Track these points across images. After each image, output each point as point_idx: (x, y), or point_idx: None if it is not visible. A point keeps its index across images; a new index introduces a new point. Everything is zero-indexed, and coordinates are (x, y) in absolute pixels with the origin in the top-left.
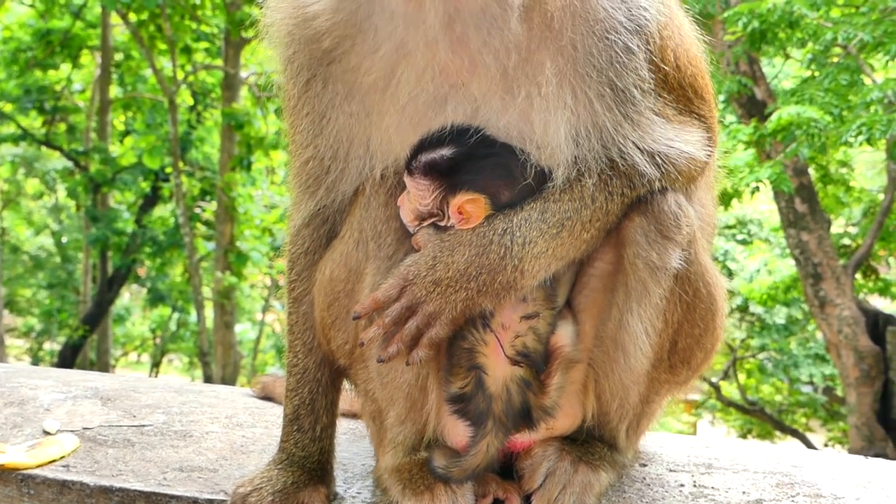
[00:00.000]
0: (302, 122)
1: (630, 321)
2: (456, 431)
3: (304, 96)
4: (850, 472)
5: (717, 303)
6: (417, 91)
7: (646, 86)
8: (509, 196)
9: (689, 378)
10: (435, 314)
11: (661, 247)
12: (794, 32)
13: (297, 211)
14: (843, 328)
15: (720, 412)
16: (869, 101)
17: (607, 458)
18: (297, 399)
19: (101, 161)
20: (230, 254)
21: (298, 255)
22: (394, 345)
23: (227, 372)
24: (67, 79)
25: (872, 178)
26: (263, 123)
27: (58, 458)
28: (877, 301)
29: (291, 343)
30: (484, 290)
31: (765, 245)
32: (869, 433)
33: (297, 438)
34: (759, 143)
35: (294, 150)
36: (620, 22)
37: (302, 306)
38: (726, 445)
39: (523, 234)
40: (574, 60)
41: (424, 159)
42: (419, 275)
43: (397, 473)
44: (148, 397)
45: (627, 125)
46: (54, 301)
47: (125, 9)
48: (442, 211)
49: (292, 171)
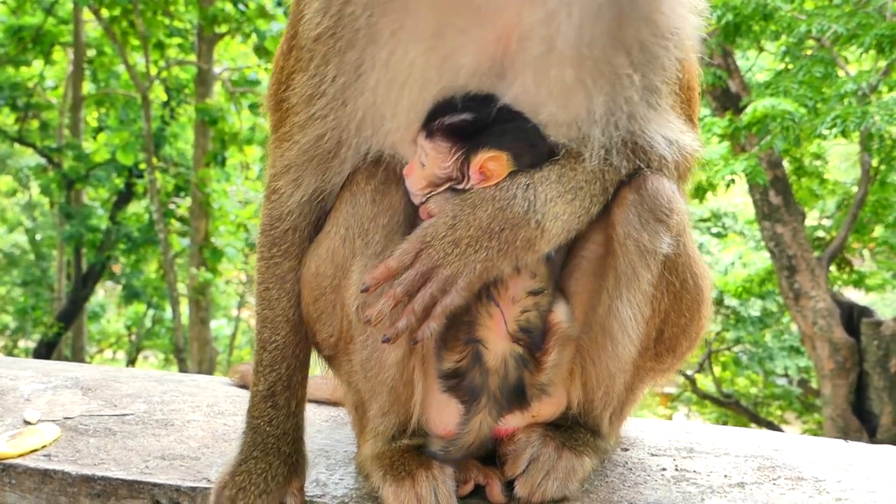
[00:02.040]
0: (326, 88)
1: (619, 307)
2: (440, 420)
3: (339, 57)
4: (831, 456)
5: (704, 293)
6: (457, 53)
7: (671, 83)
8: (529, 161)
9: (672, 366)
10: (452, 278)
11: (652, 229)
12: (768, 25)
13: (294, 186)
14: (817, 320)
15: (696, 405)
16: (843, 93)
17: (590, 443)
18: (274, 375)
19: (74, 158)
20: (205, 250)
21: (285, 231)
22: (404, 318)
23: (203, 368)
24: (40, 75)
25: (846, 170)
26: (237, 119)
27: (39, 448)
28: (851, 293)
29: (269, 318)
30: (504, 248)
31: (739, 238)
32: (844, 425)
33: (272, 415)
34: (733, 136)
35: (303, 121)
36: (675, 24)
37: (286, 283)
38: (707, 430)
39: (545, 191)
40: (628, 50)
41: (448, 121)
42: (437, 236)
43: (378, 460)
44: (128, 387)
45: (653, 113)
46: (29, 298)
47: (97, 5)
48: (462, 173)
49: (295, 145)
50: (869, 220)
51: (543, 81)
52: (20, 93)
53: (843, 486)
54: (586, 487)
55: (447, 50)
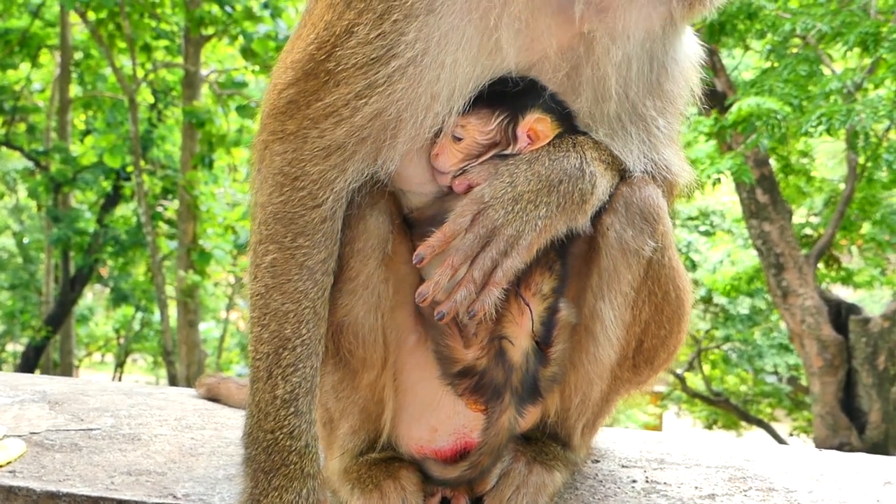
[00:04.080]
0: (402, 51)
1: (602, 307)
2: (411, 436)
3: (426, 16)
4: (803, 466)
5: (685, 307)
6: (509, 45)
7: (681, 114)
8: (568, 128)
9: (648, 378)
10: (514, 238)
11: (637, 228)
12: (753, 24)
13: (338, 171)
14: (806, 318)
15: (686, 403)
16: (828, 91)
17: (561, 457)
18: (298, 376)
19: (61, 161)
20: (193, 252)
21: (317, 221)
22: (463, 287)
23: (192, 371)
24: (27, 78)
25: (833, 167)
26: (224, 121)
27: (4, 464)
28: (839, 290)
29: (293, 312)
30: (563, 203)
31: (727, 236)
32: (833, 422)
33: (293, 425)
34: (719, 135)
35: (358, 91)
36: (693, 64)
37: (315, 274)
38: (678, 440)
39: (590, 149)
40: (656, 84)
41: (490, 90)
42: (496, 194)
43: (346, 474)
44: (96, 400)
45: (675, 147)
46: (17, 302)
47: (84, 7)
48: (507, 138)
49: (344, 122)
50: (856, 218)
51: (588, 102)
52: (7, 96)
53: (815, 496)
54: (556, 502)
55: (530, 39)
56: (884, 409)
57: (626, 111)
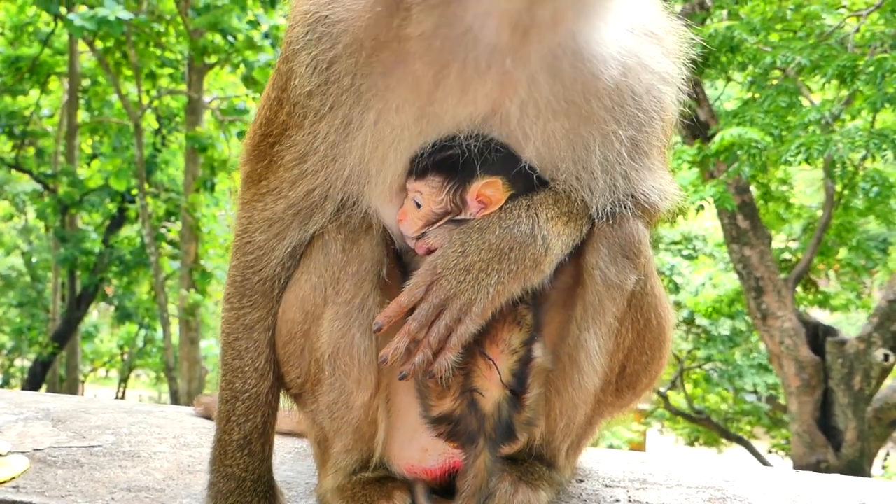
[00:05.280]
0: (318, 145)
1: (586, 338)
2: (402, 456)
3: (330, 114)
4: (781, 486)
5: (666, 333)
6: (456, 103)
7: (660, 137)
8: (523, 186)
9: (631, 402)
10: (467, 306)
11: (620, 265)
12: (734, 56)
13: (277, 240)
14: (784, 339)
15: (668, 421)
16: (807, 121)
17: (546, 477)
18: (250, 425)
19: (69, 183)
20: (195, 272)
21: (258, 283)
22: (420, 353)
23: (193, 386)
24: (36, 104)
25: (811, 195)
26: (226, 146)
27: (8, 480)
28: (817, 313)
29: (239, 369)
30: (515, 269)
31: (709, 260)
32: (810, 440)
33: (248, 463)
34: (702, 163)
35: (294, 177)
36: (665, 91)
37: (254, 332)
38: (660, 461)
39: (545, 209)
40: (623, 109)
41: (438, 157)
42: (448, 265)
43: (339, 492)
44: (98, 418)
45: (647, 172)
46: (24, 319)
47: (92, 36)
48: (458, 204)
49: (283, 200)
50: (833, 243)
51: (538, 133)
52: (17, 121)
53: None
54: None
55: (436, 113)
56: (859, 428)
57: (582, 148)
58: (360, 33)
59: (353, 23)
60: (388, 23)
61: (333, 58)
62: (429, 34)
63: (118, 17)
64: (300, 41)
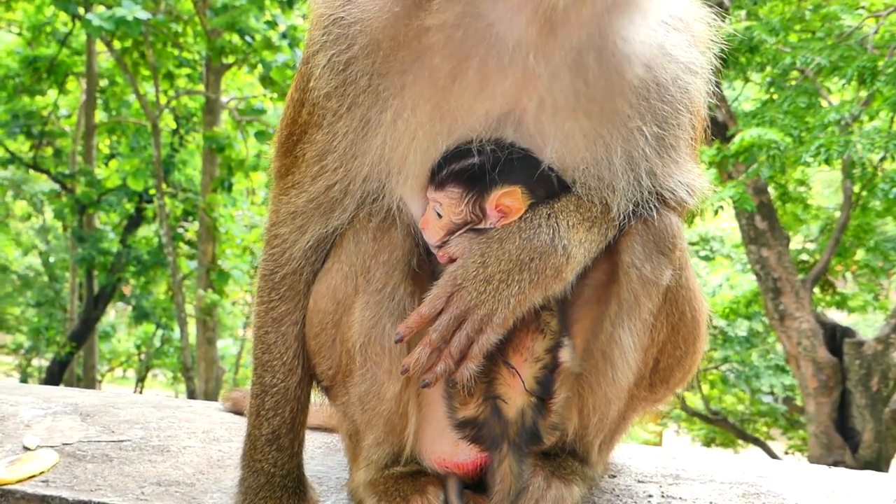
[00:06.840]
0: (338, 144)
1: (620, 334)
2: (433, 450)
3: (348, 114)
4: (814, 482)
5: (700, 327)
6: (473, 99)
7: (687, 132)
8: (544, 193)
9: (664, 396)
10: (488, 317)
11: (655, 261)
12: (753, 57)
13: (299, 233)
14: (801, 340)
15: (685, 422)
16: (826, 122)
17: (579, 472)
18: (278, 419)
19: (86, 183)
20: (212, 272)
21: (286, 276)
22: (441, 362)
23: (210, 386)
24: (54, 104)
25: (829, 196)
26: (243, 146)
27: (37, 474)
28: (834, 314)
29: (268, 363)
30: (535, 279)
31: (727, 261)
32: (827, 441)
33: (277, 458)
34: (721, 164)
35: (314, 173)
36: (691, 82)
37: (282, 326)
38: (693, 456)
39: (566, 218)
40: (648, 103)
41: (456, 168)
42: (468, 276)
43: (371, 487)
44: (127, 413)
45: (674, 167)
46: (42, 319)
47: (109, 36)
48: (477, 214)
49: (304, 194)
50: (851, 244)
51: (557, 132)
52: (35, 121)
53: None
54: None
55: (454, 110)
56: (876, 429)
57: (603, 147)
58: (376, 34)
59: (370, 23)
60: (406, 21)
61: (350, 59)
62: (451, 24)
63: (136, 17)
64: (317, 43)
